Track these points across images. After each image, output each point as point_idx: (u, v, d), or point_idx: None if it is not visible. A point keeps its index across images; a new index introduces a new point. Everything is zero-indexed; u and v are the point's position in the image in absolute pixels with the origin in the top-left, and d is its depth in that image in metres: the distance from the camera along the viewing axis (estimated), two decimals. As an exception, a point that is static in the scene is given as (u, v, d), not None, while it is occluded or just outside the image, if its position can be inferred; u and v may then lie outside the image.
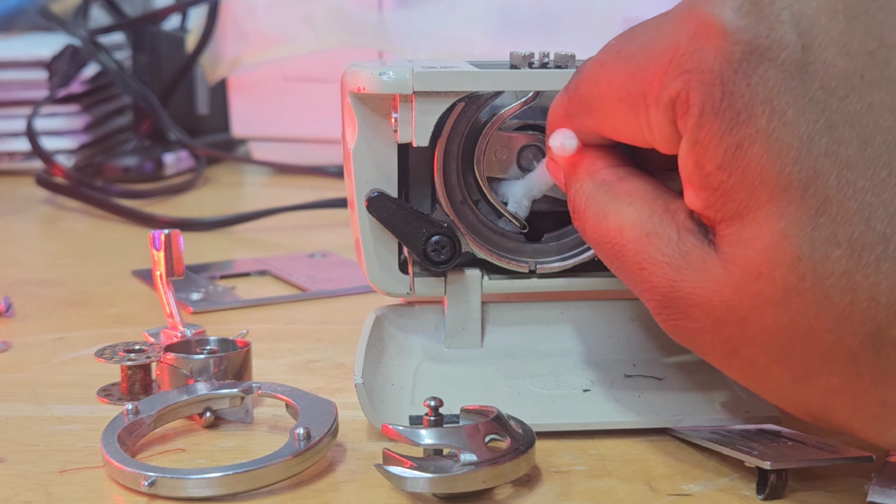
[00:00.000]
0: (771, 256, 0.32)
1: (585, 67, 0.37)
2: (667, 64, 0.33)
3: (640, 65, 0.35)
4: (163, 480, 0.36)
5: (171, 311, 0.49)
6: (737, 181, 0.32)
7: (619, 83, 0.35)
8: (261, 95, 0.98)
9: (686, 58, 0.33)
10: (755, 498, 0.37)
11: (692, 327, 0.34)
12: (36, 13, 1.08)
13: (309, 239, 0.75)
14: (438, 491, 0.36)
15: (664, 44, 0.34)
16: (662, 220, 0.35)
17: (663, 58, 0.34)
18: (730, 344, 0.34)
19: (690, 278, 0.34)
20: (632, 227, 0.36)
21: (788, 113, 0.32)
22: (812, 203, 0.31)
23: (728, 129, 0.32)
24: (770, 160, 0.32)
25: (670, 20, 0.34)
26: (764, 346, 0.33)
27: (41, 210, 0.86)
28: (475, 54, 0.88)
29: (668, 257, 0.34)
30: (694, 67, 0.33)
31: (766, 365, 0.34)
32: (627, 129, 0.36)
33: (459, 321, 0.45)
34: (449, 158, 0.44)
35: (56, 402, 0.45)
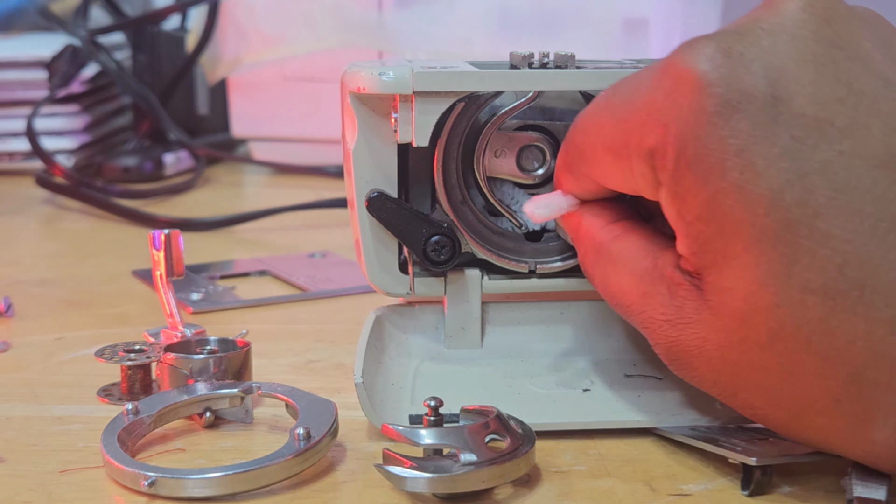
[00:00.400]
0: (751, 303, 0.33)
1: (580, 118, 0.39)
2: (646, 116, 0.34)
3: (622, 116, 0.35)
4: (163, 480, 0.36)
5: (171, 311, 0.49)
6: (714, 232, 0.33)
7: (605, 133, 0.36)
8: (261, 95, 0.98)
9: (663, 111, 0.34)
10: (755, 499, 0.37)
11: (696, 376, 0.36)
12: (36, 13, 1.08)
13: (309, 239, 0.75)
14: (438, 491, 0.36)
15: (644, 96, 0.35)
16: (653, 278, 0.37)
17: (643, 110, 0.35)
18: (729, 388, 0.35)
19: (687, 333, 0.35)
20: (630, 289, 0.37)
21: (759, 164, 0.32)
22: (786, 252, 0.32)
23: (702, 181, 0.33)
24: (743, 211, 0.32)
25: (652, 72, 0.35)
26: (757, 390, 0.34)
27: (41, 210, 0.86)
28: (475, 54, 0.88)
29: (665, 315, 0.36)
30: (670, 120, 0.34)
31: (762, 407, 0.35)
32: (616, 177, 0.37)
33: (459, 321, 0.45)
34: (449, 158, 0.44)
35: (56, 402, 0.45)
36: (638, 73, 0.36)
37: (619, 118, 0.36)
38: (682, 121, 0.33)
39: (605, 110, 0.37)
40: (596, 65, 0.43)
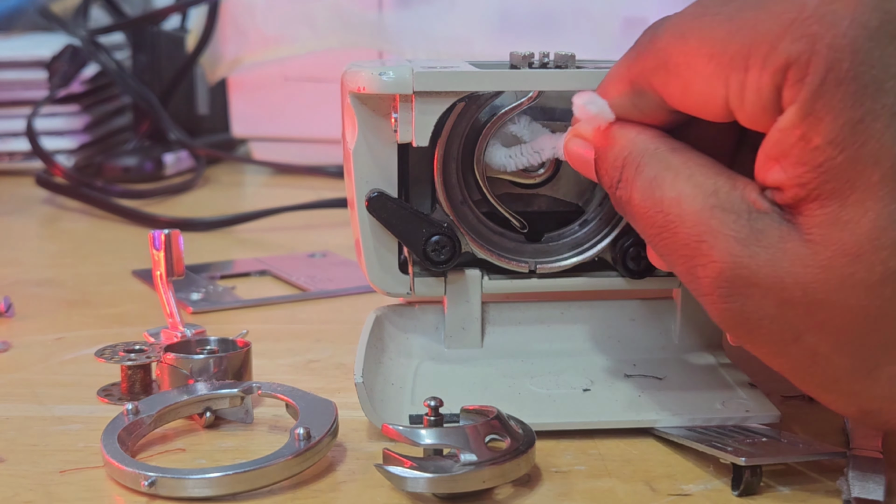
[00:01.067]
0: (874, 239, 0.30)
1: (668, 23, 0.35)
2: (787, 23, 0.31)
3: (748, 22, 0.32)
4: (163, 480, 0.36)
5: (171, 311, 0.49)
6: (848, 158, 0.31)
7: (716, 39, 0.33)
8: (261, 95, 0.98)
9: (813, 20, 0.31)
10: (755, 499, 0.37)
11: (749, 309, 0.33)
12: (36, 13, 1.08)
13: (309, 239, 0.75)
14: (438, 491, 0.36)
15: (784, 2, 0.31)
16: (731, 195, 0.33)
17: (783, 16, 0.31)
18: (792, 330, 0.32)
19: (761, 257, 0.32)
20: (693, 199, 0.33)
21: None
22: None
23: (851, 102, 0.30)
24: (891, 137, 0.30)
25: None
26: (834, 333, 0.32)
27: (41, 210, 0.86)
28: (475, 54, 0.88)
29: (737, 233, 0.32)
30: (821, 31, 0.31)
31: (827, 354, 0.32)
32: (705, 92, 0.33)
33: (459, 321, 0.45)
34: (449, 158, 0.44)
35: (56, 402, 0.45)
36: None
37: (742, 24, 0.32)
38: (840, 32, 0.30)
39: (719, 15, 0.33)
40: (596, 65, 0.43)
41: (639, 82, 0.36)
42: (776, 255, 0.32)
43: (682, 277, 0.35)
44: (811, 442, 0.38)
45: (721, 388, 0.44)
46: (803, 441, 0.39)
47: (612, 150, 0.36)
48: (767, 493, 0.37)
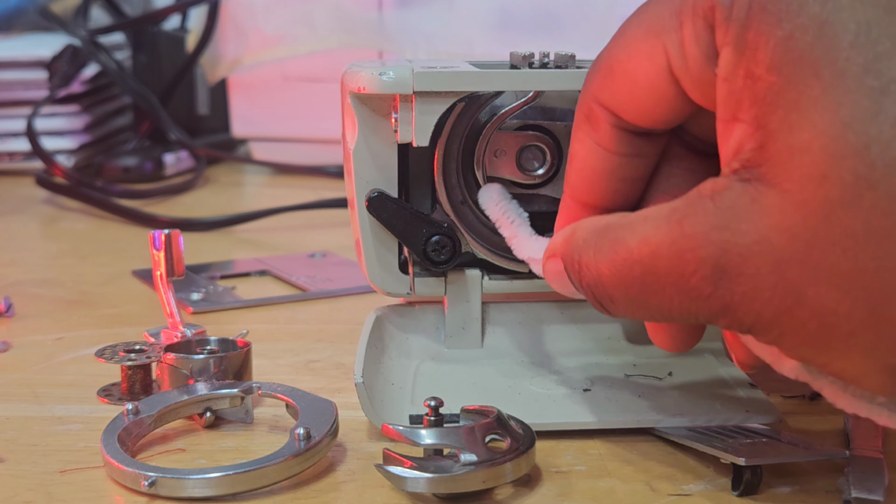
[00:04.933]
0: (833, 152, 0.29)
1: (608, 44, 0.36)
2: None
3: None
4: (163, 480, 0.36)
5: (171, 311, 0.49)
6: (788, 78, 0.30)
7: (648, 15, 0.34)
8: (261, 95, 0.98)
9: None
10: (755, 499, 0.37)
11: (747, 291, 0.31)
12: (36, 13, 1.08)
13: (309, 239, 0.75)
14: (438, 491, 0.36)
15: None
16: (688, 202, 0.32)
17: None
18: (793, 291, 0.30)
19: (743, 230, 0.31)
20: (657, 229, 0.32)
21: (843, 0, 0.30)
22: (874, 85, 0.29)
23: (778, 21, 0.30)
24: (824, 48, 0.29)
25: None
26: (833, 276, 0.30)
27: (41, 210, 0.86)
28: (475, 54, 0.88)
29: (712, 223, 0.31)
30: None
31: (833, 306, 0.30)
32: (650, 71, 0.33)
33: (459, 321, 0.45)
34: (449, 158, 0.44)
35: (56, 402, 0.45)
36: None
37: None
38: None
39: (648, 4, 0.34)
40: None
41: (592, 111, 0.36)
42: (756, 219, 0.30)
43: (677, 309, 0.33)
44: (811, 442, 0.39)
45: (721, 388, 0.44)
46: (803, 441, 0.39)
47: (570, 248, 0.36)
48: (768, 492, 0.37)
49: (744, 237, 0.30)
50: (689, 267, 0.32)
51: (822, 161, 0.29)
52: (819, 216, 0.29)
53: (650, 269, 0.32)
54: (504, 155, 0.44)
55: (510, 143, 0.44)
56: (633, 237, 0.33)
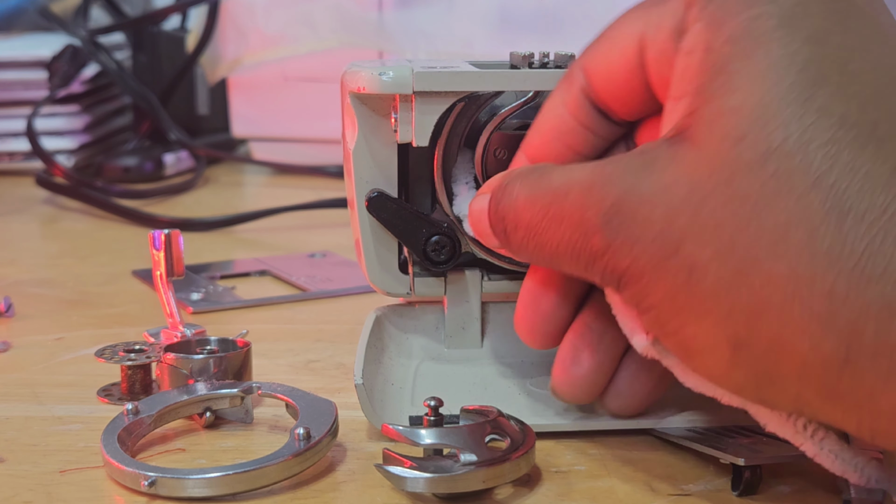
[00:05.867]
0: (759, 116, 0.31)
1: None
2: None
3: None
4: (163, 480, 0.36)
5: (171, 311, 0.49)
6: (742, 49, 0.32)
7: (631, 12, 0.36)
8: (261, 95, 0.98)
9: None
10: (755, 498, 0.37)
11: (630, 234, 0.32)
12: (36, 13, 1.08)
13: (309, 239, 0.75)
14: (438, 491, 0.36)
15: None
16: (618, 156, 0.34)
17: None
18: (673, 242, 0.32)
19: (651, 179, 0.32)
20: (583, 168, 0.34)
21: (811, 7, 0.32)
22: (813, 75, 0.31)
23: (749, 4, 0.32)
24: (783, 34, 0.32)
25: None
26: (713, 231, 0.31)
27: (41, 210, 0.86)
28: (475, 54, 0.88)
29: (629, 169, 0.33)
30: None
31: (705, 263, 0.31)
32: (625, 36, 0.36)
33: (459, 321, 0.45)
34: (449, 158, 0.44)
35: (56, 402, 0.45)
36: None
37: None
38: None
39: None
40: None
41: (573, 70, 0.37)
42: (666, 169, 0.32)
43: (571, 247, 0.34)
44: None
45: (721, 388, 0.43)
46: None
47: (503, 179, 0.37)
48: (767, 492, 0.37)
49: (649, 185, 0.32)
50: (591, 201, 0.33)
51: (745, 123, 0.31)
52: (724, 174, 0.31)
53: (559, 199, 0.34)
54: (504, 155, 0.44)
55: (510, 143, 0.44)
56: (560, 174, 0.35)
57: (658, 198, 0.32)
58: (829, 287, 0.30)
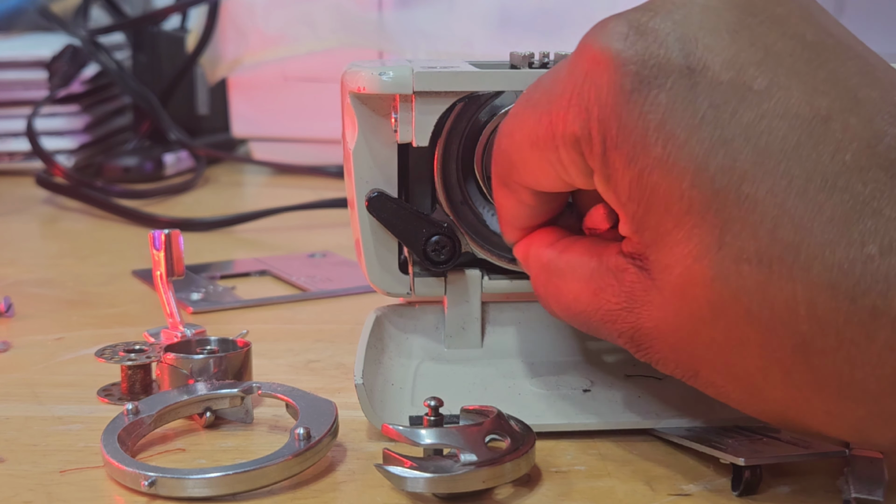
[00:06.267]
0: (688, 279, 0.32)
1: (503, 122, 0.38)
2: (567, 103, 0.34)
3: (544, 108, 0.35)
4: (163, 480, 0.36)
5: (171, 311, 0.49)
6: (645, 210, 0.33)
7: (529, 129, 0.36)
8: (261, 95, 0.98)
9: (583, 95, 0.34)
10: (755, 499, 0.37)
11: (661, 358, 0.35)
12: (36, 13, 1.08)
13: (309, 239, 0.75)
14: (438, 491, 0.36)
15: (563, 83, 0.35)
16: (601, 273, 0.36)
17: (563, 97, 0.34)
18: (690, 367, 0.35)
19: (643, 316, 0.35)
20: (582, 293, 0.37)
21: (680, 136, 0.32)
22: (715, 222, 0.32)
23: (628, 161, 0.33)
24: (669, 186, 0.32)
25: (569, 60, 0.35)
26: (713, 366, 0.34)
27: (41, 210, 0.86)
28: (475, 54, 0.88)
29: (620, 303, 0.35)
30: (591, 103, 0.33)
31: (722, 384, 0.34)
32: (547, 174, 0.37)
33: (459, 321, 0.45)
34: (449, 158, 0.44)
35: (56, 402, 0.45)
36: (556, 65, 0.36)
37: (542, 111, 0.35)
38: (602, 102, 0.33)
39: (527, 108, 0.36)
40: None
41: (508, 184, 0.39)
42: (649, 309, 0.34)
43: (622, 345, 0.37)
44: (811, 441, 0.38)
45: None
46: (803, 441, 0.38)
47: (528, 269, 0.41)
48: (767, 492, 0.37)
49: (645, 321, 0.35)
50: (612, 334, 0.36)
51: (681, 284, 0.33)
52: (690, 325, 0.33)
53: (586, 323, 0.37)
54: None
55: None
56: (567, 293, 0.38)
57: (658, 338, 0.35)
58: (823, 407, 0.33)
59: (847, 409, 0.32)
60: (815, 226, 0.31)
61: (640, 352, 0.36)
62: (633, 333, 0.35)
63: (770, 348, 0.32)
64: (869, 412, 0.32)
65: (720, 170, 0.32)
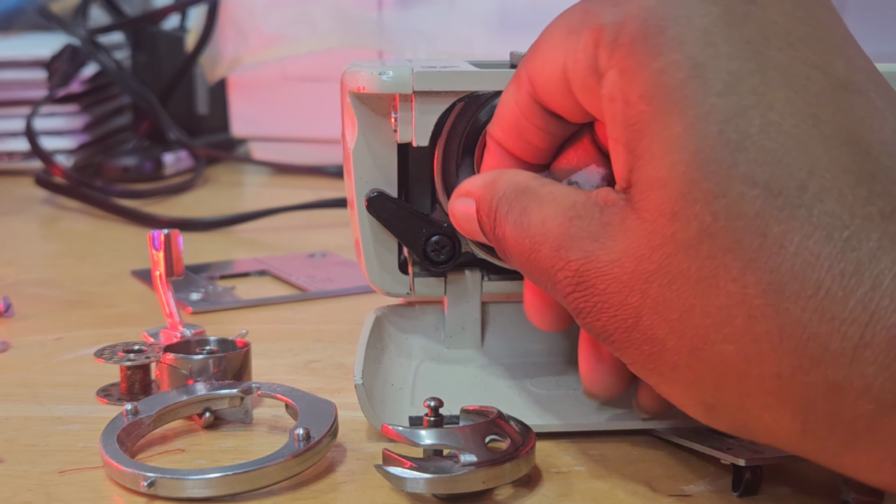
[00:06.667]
0: (687, 193, 0.30)
1: None
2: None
3: (587, 2, 0.34)
4: (162, 481, 0.36)
5: (170, 312, 0.49)
6: (654, 110, 0.31)
7: (571, 14, 0.35)
8: (260, 95, 0.98)
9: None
10: (756, 499, 0.37)
11: (597, 303, 0.33)
12: (35, 13, 1.08)
13: (309, 239, 0.75)
14: (438, 491, 0.36)
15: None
16: (586, 204, 0.34)
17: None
18: (631, 315, 0.32)
19: (608, 246, 0.33)
20: (554, 217, 0.35)
21: (721, 47, 0.31)
22: (733, 138, 0.30)
23: (656, 53, 0.31)
24: (693, 87, 0.31)
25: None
26: (662, 311, 0.31)
27: (40, 210, 0.86)
28: (475, 54, 0.88)
29: (589, 232, 0.33)
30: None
31: (663, 338, 0.32)
32: (552, 59, 0.35)
33: (459, 321, 0.45)
34: (449, 158, 0.44)
35: (55, 403, 0.45)
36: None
37: (585, 4, 0.35)
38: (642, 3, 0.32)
39: (575, 6, 0.36)
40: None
41: (518, 75, 0.37)
42: (617, 240, 0.32)
43: (547, 290, 0.35)
44: None
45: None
46: None
47: (490, 195, 0.38)
48: (768, 493, 0.37)
49: (605, 254, 0.33)
50: (559, 264, 0.34)
51: (673, 200, 0.31)
52: (663, 253, 0.31)
53: (536, 249, 0.35)
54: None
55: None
56: (536, 214, 0.35)
57: (612, 271, 0.32)
58: (775, 369, 0.30)
59: (799, 371, 0.30)
60: (821, 168, 0.30)
61: (577, 292, 0.34)
62: (581, 266, 0.33)
63: (743, 284, 0.30)
64: (820, 380, 0.29)
65: (750, 91, 0.30)
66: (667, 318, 0.32)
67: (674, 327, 0.31)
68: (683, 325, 0.31)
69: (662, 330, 0.32)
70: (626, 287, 0.32)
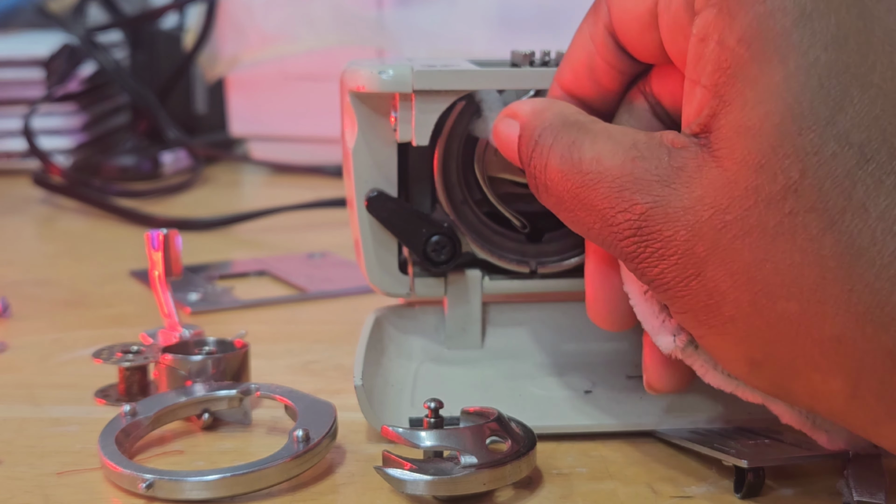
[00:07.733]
0: (778, 145, 0.30)
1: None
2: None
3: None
4: (160, 482, 0.36)
5: (168, 312, 0.48)
6: (754, 55, 0.30)
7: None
8: (259, 94, 0.98)
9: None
10: (758, 500, 0.37)
11: (658, 248, 0.32)
12: (33, 11, 1.08)
13: (308, 239, 0.75)
14: (438, 493, 0.36)
15: None
16: (650, 144, 0.33)
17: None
18: (694, 264, 0.32)
19: (680, 192, 0.32)
20: (613, 154, 0.33)
21: (835, 1, 0.30)
22: (833, 95, 0.29)
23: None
24: (800, 35, 0.30)
25: None
26: (731, 264, 0.31)
27: (38, 210, 0.86)
28: (475, 53, 0.88)
29: (658, 175, 0.32)
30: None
31: (724, 290, 0.31)
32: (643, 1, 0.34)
33: (460, 322, 0.45)
34: (449, 158, 0.43)
35: (53, 404, 0.45)
36: None
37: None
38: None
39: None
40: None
41: (599, 4, 0.37)
42: (693, 187, 0.31)
43: (592, 232, 0.34)
44: (813, 443, 0.38)
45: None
46: (806, 442, 0.38)
47: (535, 122, 0.36)
48: (770, 494, 0.37)
49: (677, 200, 0.32)
50: (621, 205, 0.33)
51: (763, 150, 0.30)
52: (743, 205, 0.30)
53: (589, 186, 0.33)
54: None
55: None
56: (590, 148, 0.34)
57: (682, 218, 0.31)
58: (837, 331, 0.30)
59: (861, 337, 0.29)
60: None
61: (638, 237, 0.32)
62: (647, 210, 0.32)
63: (820, 243, 0.29)
64: (881, 347, 0.29)
65: (857, 49, 0.29)
66: (732, 271, 0.31)
67: (738, 280, 0.31)
68: (750, 278, 0.31)
69: (726, 282, 0.31)
70: (695, 236, 0.31)
